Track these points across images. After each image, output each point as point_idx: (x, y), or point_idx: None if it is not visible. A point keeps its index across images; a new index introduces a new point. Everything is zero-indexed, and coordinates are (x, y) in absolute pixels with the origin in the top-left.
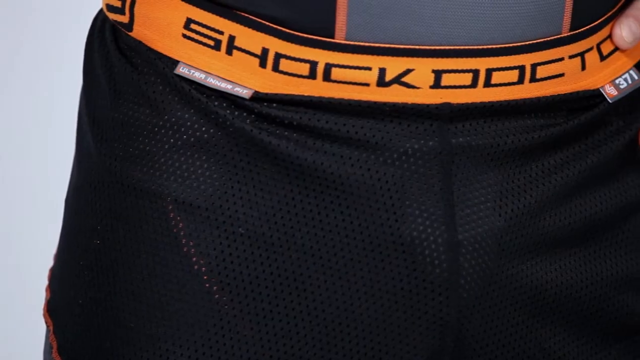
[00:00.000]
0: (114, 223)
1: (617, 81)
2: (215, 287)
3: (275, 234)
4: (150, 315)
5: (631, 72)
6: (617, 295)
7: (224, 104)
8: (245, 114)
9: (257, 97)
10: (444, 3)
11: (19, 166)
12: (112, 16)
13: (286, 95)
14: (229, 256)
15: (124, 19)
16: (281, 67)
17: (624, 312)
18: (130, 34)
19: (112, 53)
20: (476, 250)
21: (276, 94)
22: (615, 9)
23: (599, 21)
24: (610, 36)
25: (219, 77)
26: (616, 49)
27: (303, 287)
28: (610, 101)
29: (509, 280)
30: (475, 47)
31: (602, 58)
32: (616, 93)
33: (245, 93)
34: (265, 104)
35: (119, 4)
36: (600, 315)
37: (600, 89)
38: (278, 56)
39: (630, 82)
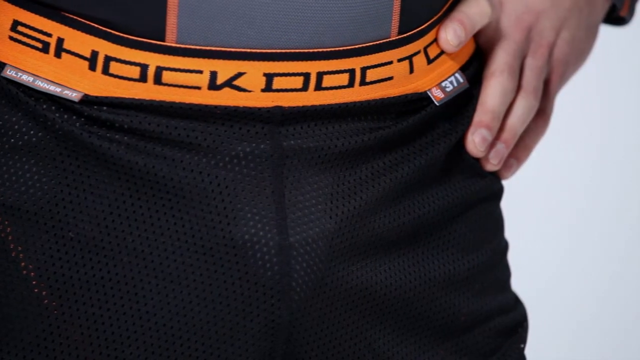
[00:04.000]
0: None
1: (443, 84)
2: (44, 292)
3: (106, 237)
4: None
5: (457, 75)
6: (444, 296)
7: (53, 107)
8: (74, 117)
9: (87, 100)
10: (274, 6)
11: None
12: None
13: (116, 98)
14: (58, 260)
15: None
16: (111, 70)
17: (451, 312)
18: None
19: None
20: (307, 252)
21: (106, 97)
22: (441, 12)
23: (426, 25)
24: (436, 39)
25: (47, 80)
26: (442, 52)
27: (134, 291)
28: (437, 104)
29: (340, 282)
30: (306, 50)
31: (429, 61)
32: (443, 96)
33: (74, 96)
34: (95, 107)
35: None
36: (428, 316)
37: (428, 92)
38: (108, 59)
39: (455, 85)
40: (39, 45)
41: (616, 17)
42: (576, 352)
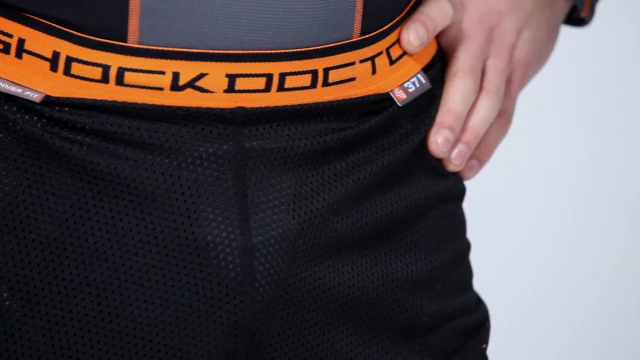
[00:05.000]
0: None
1: (405, 85)
2: (5, 294)
3: (68, 239)
4: None
5: (419, 76)
6: (407, 296)
7: (14, 108)
8: (36, 118)
9: (49, 101)
10: (237, 7)
11: None
12: None
13: (78, 99)
14: (20, 262)
15: None
16: (73, 71)
17: (414, 312)
18: None
19: None
20: (270, 253)
21: (68, 98)
22: (403, 13)
23: (388, 26)
24: (398, 40)
25: (8, 80)
26: (404, 53)
27: (97, 292)
28: (399, 105)
29: (303, 283)
30: (269, 51)
31: (392, 62)
32: (405, 97)
33: (36, 97)
34: (57, 108)
35: None
36: (391, 316)
37: (390, 93)
38: (69, 60)
39: (418, 85)
40: (0, 46)
41: (577, 18)
42: (575, 352)
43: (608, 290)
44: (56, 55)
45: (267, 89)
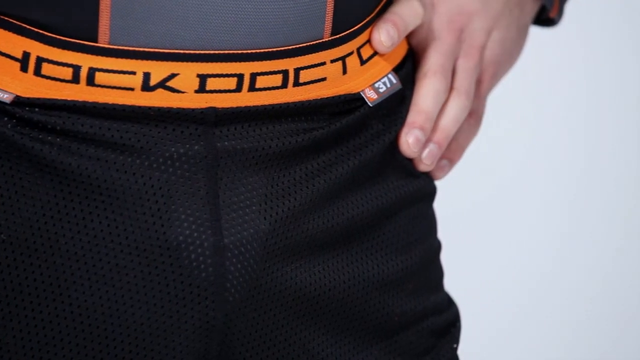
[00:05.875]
0: None
1: (376, 85)
2: None
3: (39, 239)
4: None
5: (390, 76)
6: (378, 296)
7: None
8: (6, 119)
9: (19, 101)
10: (208, 8)
11: None
12: None
13: (49, 99)
14: None
15: None
16: (43, 72)
17: (385, 312)
18: None
19: None
20: (242, 253)
21: (38, 99)
22: (374, 13)
23: (359, 26)
24: (369, 40)
25: None
26: (375, 53)
27: (68, 293)
28: (370, 105)
29: (274, 283)
30: (240, 51)
31: (362, 62)
32: (376, 97)
33: (6, 97)
34: (27, 108)
35: None
36: (362, 316)
37: (361, 93)
38: (40, 60)
39: (389, 85)
40: None
41: (546, 18)
42: (572, 352)
43: (602, 291)
44: (26, 55)
45: (238, 89)
